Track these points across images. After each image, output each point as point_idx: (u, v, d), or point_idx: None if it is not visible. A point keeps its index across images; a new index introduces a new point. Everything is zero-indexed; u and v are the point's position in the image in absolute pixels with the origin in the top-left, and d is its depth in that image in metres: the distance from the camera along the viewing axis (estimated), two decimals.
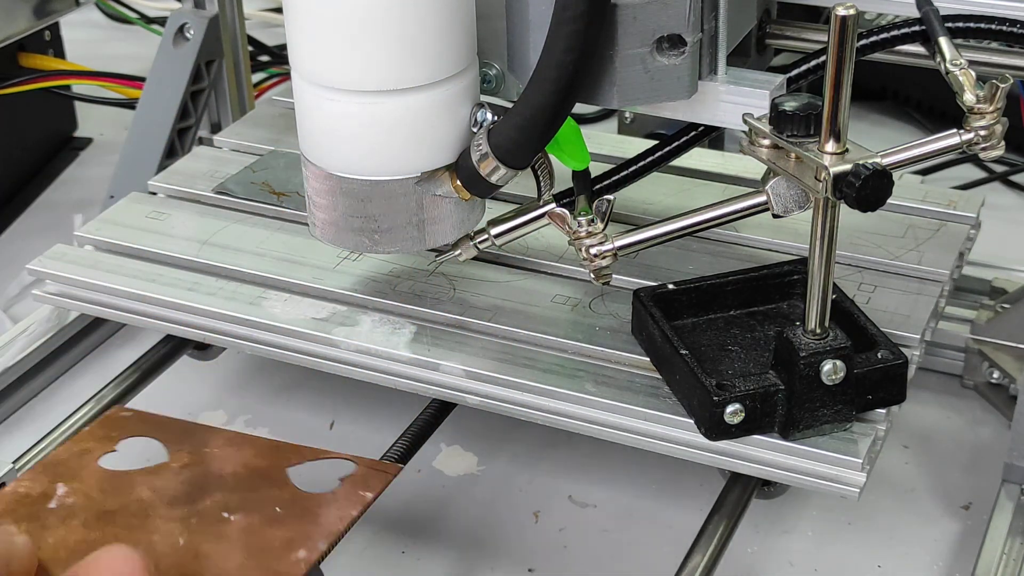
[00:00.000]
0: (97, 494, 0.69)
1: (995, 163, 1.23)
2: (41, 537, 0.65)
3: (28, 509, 0.67)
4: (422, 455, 0.84)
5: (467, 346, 0.77)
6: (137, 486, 0.69)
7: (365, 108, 0.70)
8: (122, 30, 1.55)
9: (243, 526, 0.66)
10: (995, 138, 0.68)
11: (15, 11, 1.14)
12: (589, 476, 0.89)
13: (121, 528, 0.66)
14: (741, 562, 0.83)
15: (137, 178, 1.02)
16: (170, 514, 0.67)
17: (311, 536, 0.66)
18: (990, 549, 0.79)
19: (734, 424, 0.69)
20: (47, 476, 0.70)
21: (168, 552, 0.65)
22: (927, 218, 0.88)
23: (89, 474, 0.70)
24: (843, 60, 0.61)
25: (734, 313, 0.77)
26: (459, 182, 0.73)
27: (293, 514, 0.67)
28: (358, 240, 0.75)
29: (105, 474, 0.70)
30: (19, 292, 1.09)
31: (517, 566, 0.83)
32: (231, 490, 0.69)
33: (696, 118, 0.73)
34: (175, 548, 0.65)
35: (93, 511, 0.67)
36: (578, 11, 0.64)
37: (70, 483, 0.69)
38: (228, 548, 0.65)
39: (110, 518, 0.67)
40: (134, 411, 0.75)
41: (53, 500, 0.68)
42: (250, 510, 0.67)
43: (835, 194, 0.63)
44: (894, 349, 0.71)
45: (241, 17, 1.11)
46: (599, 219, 0.71)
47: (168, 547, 0.65)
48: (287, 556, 0.65)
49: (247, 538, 0.66)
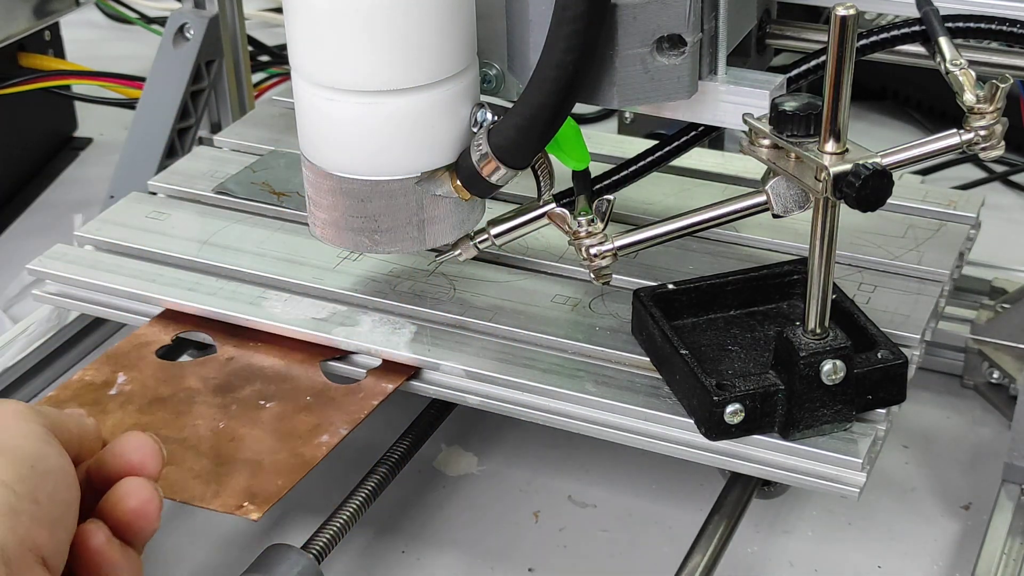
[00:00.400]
0: (152, 382, 0.78)
1: (995, 163, 1.23)
2: (102, 420, 0.73)
3: (92, 395, 0.77)
4: (422, 455, 0.84)
5: (467, 346, 0.77)
6: (187, 376, 0.78)
7: (365, 108, 0.70)
8: (122, 30, 1.55)
9: (276, 413, 0.74)
10: (995, 138, 0.68)
11: (15, 11, 1.14)
12: (589, 476, 0.89)
13: (170, 413, 0.75)
14: (741, 562, 0.83)
15: (137, 178, 1.02)
16: (213, 401, 0.75)
17: (334, 422, 0.74)
18: (990, 549, 0.79)
19: (734, 424, 0.69)
20: (109, 367, 0.79)
21: (208, 435, 0.73)
22: (927, 218, 0.88)
23: (146, 365, 0.79)
24: (843, 60, 0.61)
25: (734, 313, 0.77)
26: (459, 182, 0.73)
27: (321, 403, 0.75)
28: (358, 240, 0.75)
29: (160, 365, 0.79)
30: (19, 292, 1.09)
31: (517, 566, 0.83)
32: (268, 381, 0.77)
33: (696, 118, 0.73)
34: (215, 431, 0.73)
35: (147, 398, 0.76)
36: (578, 11, 0.64)
37: (129, 372, 0.78)
38: (261, 432, 0.73)
39: (161, 404, 0.76)
40: (188, 309, 0.83)
41: (114, 387, 0.77)
42: (284, 399, 0.76)
43: (835, 194, 0.63)
44: (894, 349, 0.71)
45: (241, 17, 1.11)
46: (599, 219, 0.71)
47: (208, 430, 0.73)
48: (312, 440, 0.73)
49: (278, 423, 0.74)
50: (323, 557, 0.72)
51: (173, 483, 0.70)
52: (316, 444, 0.72)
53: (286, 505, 0.87)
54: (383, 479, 0.77)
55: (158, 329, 0.82)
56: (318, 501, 0.85)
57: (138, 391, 0.77)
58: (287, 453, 0.72)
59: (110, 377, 0.78)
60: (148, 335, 0.82)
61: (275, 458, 0.71)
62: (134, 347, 0.81)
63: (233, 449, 0.72)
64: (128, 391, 0.77)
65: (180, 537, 0.85)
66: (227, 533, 0.86)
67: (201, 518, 0.87)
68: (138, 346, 0.81)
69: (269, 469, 0.70)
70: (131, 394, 0.77)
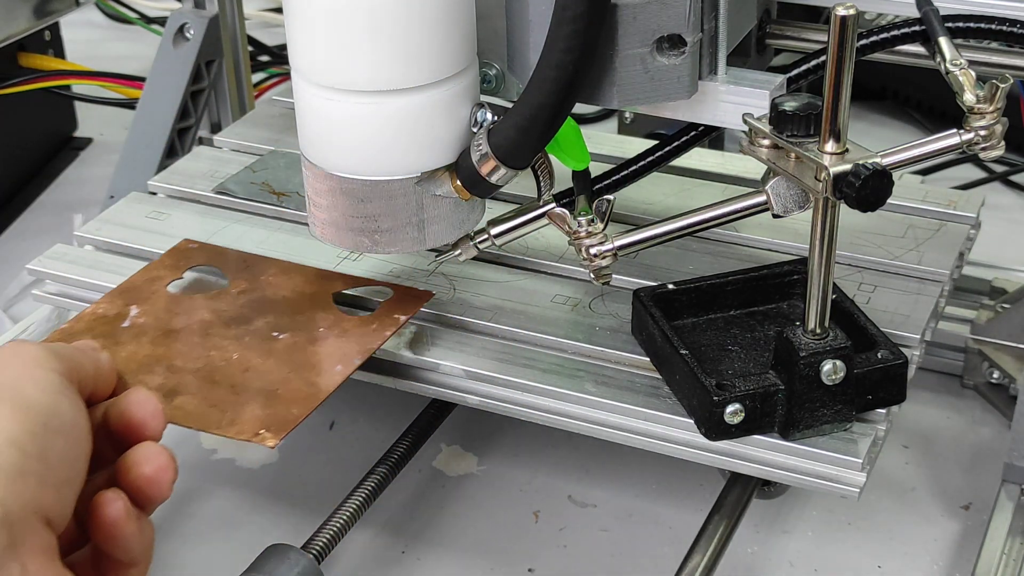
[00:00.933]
0: (164, 315, 0.78)
1: (995, 163, 1.23)
2: (115, 352, 0.74)
3: (104, 328, 0.77)
4: (422, 455, 0.84)
5: (467, 346, 0.77)
6: (200, 309, 0.78)
7: (365, 108, 0.70)
8: (122, 30, 1.55)
9: (289, 344, 0.75)
10: (995, 138, 0.68)
11: (15, 11, 1.14)
12: (589, 476, 0.89)
13: (183, 344, 0.75)
14: (741, 562, 0.83)
15: (137, 178, 1.02)
16: (226, 333, 0.76)
17: (348, 353, 0.74)
18: (990, 549, 0.79)
19: (734, 424, 0.69)
20: (122, 300, 0.79)
21: (222, 366, 0.73)
22: (927, 218, 0.88)
23: (158, 298, 0.79)
24: (843, 60, 0.61)
25: (734, 313, 0.77)
26: (459, 182, 0.73)
27: (334, 334, 0.75)
28: (358, 240, 0.75)
29: (172, 298, 0.80)
30: (19, 292, 1.09)
31: (517, 566, 0.83)
32: (281, 313, 0.77)
33: (696, 118, 0.73)
34: (229, 362, 0.73)
35: (160, 330, 0.76)
36: (578, 11, 0.64)
37: (142, 306, 0.79)
38: (275, 363, 0.73)
39: (174, 336, 0.76)
40: (200, 243, 0.85)
41: (126, 320, 0.77)
42: (297, 330, 0.76)
43: (835, 194, 0.63)
44: (894, 349, 0.71)
45: (241, 17, 1.11)
46: (599, 219, 0.71)
47: (223, 361, 0.73)
48: (326, 370, 0.73)
49: (292, 354, 0.74)
50: (323, 557, 0.72)
51: (189, 412, 0.70)
52: (331, 374, 0.72)
53: (286, 505, 0.88)
54: (383, 479, 0.77)
55: (171, 263, 0.83)
56: (318, 501, 0.85)
57: (151, 323, 0.77)
58: (302, 383, 0.71)
59: (123, 310, 0.78)
60: (160, 270, 0.82)
61: (290, 387, 0.71)
62: (146, 281, 0.81)
63: (247, 379, 0.72)
64: (141, 323, 0.77)
65: (180, 537, 0.85)
66: (227, 533, 0.86)
67: (201, 518, 0.87)
68: (150, 280, 0.81)
69: (284, 398, 0.70)
70: (144, 326, 0.77)
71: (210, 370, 0.73)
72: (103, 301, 0.79)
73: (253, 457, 0.92)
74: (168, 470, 0.57)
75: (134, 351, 0.74)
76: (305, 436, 0.94)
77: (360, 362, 0.73)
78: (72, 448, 0.54)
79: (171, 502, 0.85)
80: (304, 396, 0.70)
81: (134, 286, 0.81)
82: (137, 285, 0.81)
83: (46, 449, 0.52)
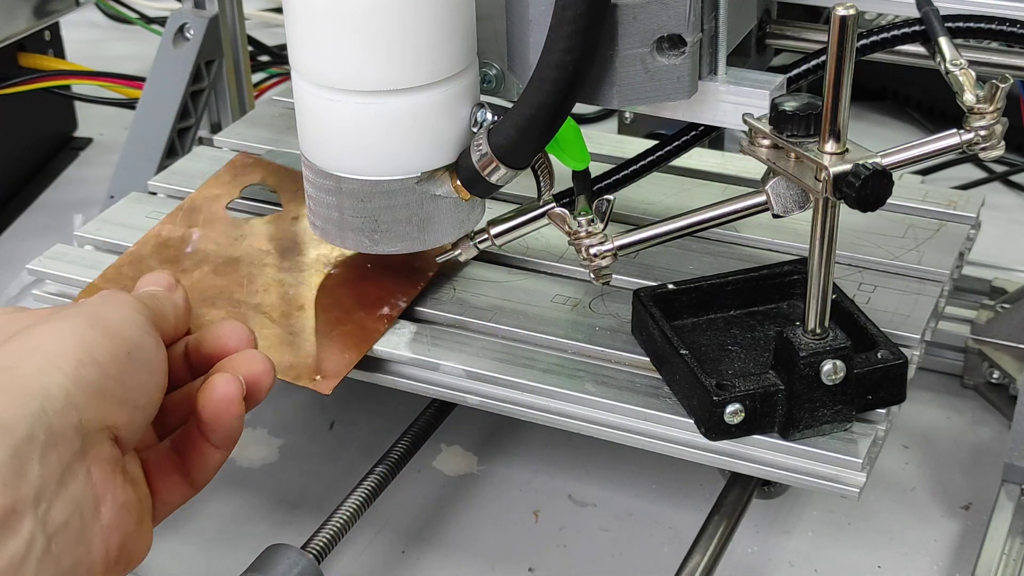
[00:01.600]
0: (224, 240, 0.82)
1: (995, 163, 1.23)
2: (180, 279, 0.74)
3: (170, 252, 0.81)
4: (422, 455, 0.84)
5: (467, 346, 0.77)
6: (257, 235, 0.82)
7: (365, 108, 0.70)
8: (122, 30, 1.55)
9: (340, 279, 0.78)
10: (995, 138, 0.68)
11: (15, 11, 1.14)
12: (589, 476, 0.89)
13: (242, 275, 0.79)
14: (741, 562, 0.83)
15: (137, 178, 1.02)
16: (281, 264, 0.79)
17: (394, 293, 0.78)
18: (990, 549, 0.79)
19: (734, 424, 0.69)
20: (184, 221, 0.83)
21: (278, 303, 0.77)
22: (927, 218, 0.88)
23: (218, 221, 0.83)
24: (843, 60, 0.61)
25: (734, 313, 0.77)
26: (459, 182, 0.73)
27: (380, 269, 0.78)
28: (358, 240, 0.75)
29: (231, 222, 0.83)
30: (19, 292, 1.09)
31: (517, 566, 0.83)
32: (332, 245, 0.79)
33: (696, 118, 0.73)
34: (284, 298, 0.77)
35: (221, 257, 0.81)
36: (578, 11, 0.64)
37: (203, 228, 0.83)
38: (327, 300, 0.77)
39: (234, 266, 0.80)
40: (255, 158, 0.89)
41: (189, 244, 0.81)
42: (346, 265, 0.79)
43: (835, 194, 0.63)
44: (894, 349, 0.71)
45: (241, 17, 1.11)
46: (599, 219, 0.71)
47: (278, 297, 0.78)
48: (374, 312, 0.77)
49: (342, 292, 0.78)
50: (323, 557, 0.72)
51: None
52: (378, 317, 0.76)
53: (286, 505, 0.88)
54: (383, 479, 0.77)
55: (227, 179, 0.87)
56: (318, 501, 0.85)
57: (212, 250, 0.81)
58: (352, 325, 0.75)
59: (185, 233, 0.82)
60: (218, 187, 0.86)
61: (341, 330, 0.75)
62: (206, 200, 0.85)
63: (302, 319, 0.76)
64: (202, 250, 0.81)
65: (180, 537, 0.85)
66: (227, 533, 0.86)
67: (201, 518, 0.87)
68: (209, 199, 0.85)
69: (337, 342, 0.74)
70: (206, 254, 0.81)
71: (268, 307, 0.77)
72: (166, 221, 0.83)
73: (253, 457, 0.92)
74: (269, 374, 0.64)
75: (198, 279, 0.79)
76: (305, 436, 0.94)
77: (405, 304, 0.77)
78: (150, 380, 0.59)
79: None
80: (355, 340, 0.74)
81: (195, 205, 0.85)
82: (198, 204, 0.85)
83: (126, 375, 0.57)
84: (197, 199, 0.85)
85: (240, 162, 0.87)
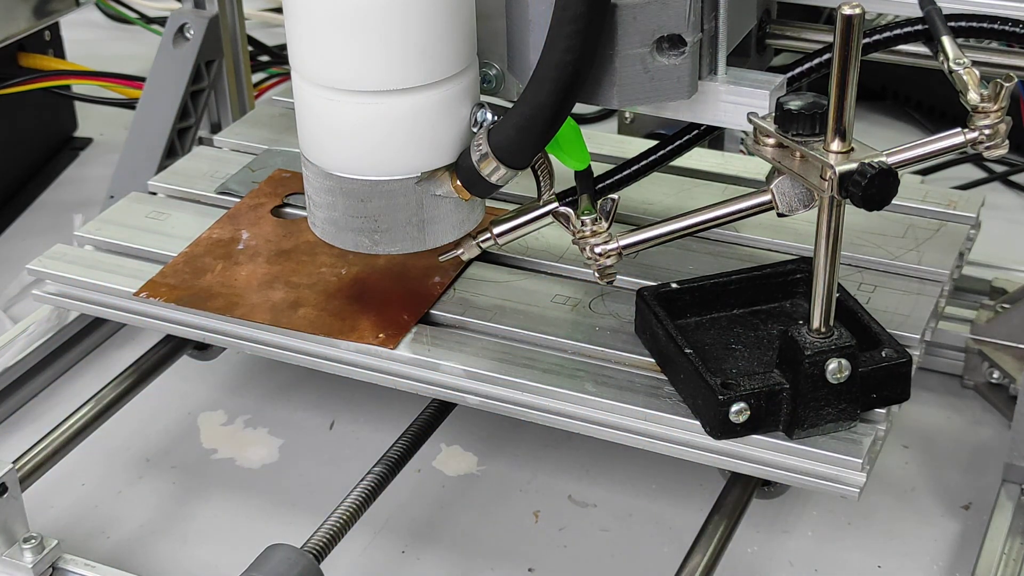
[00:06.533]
0: (273, 237, 0.87)
1: (995, 163, 1.23)
2: (234, 270, 0.83)
3: (223, 250, 0.86)
4: (422, 455, 0.84)
5: (467, 346, 0.77)
6: (305, 231, 0.85)
7: (365, 108, 0.70)
8: (122, 30, 1.55)
9: (389, 259, 0.83)
10: (999, 137, 0.68)
11: (15, 11, 1.14)
12: (589, 476, 0.89)
13: (296, 263, 0.84)
14: (741, 562, 0.83)
15: (137, 178, 1.02)
16: (332, 251, 0.82)
17: (443, 266, 0.82)
18: (990, 549, 0.79)
19: (739, 423, 0.69)
20: (232, 225, 0.88)
21: (334, 280, 0.83)
22: (927, 218, 0.88)
23: (265, 223, 0.88)
24: (849, 59, 0.61)
25: (738, 312, 0.77)
26: (459, 182, 0.72)
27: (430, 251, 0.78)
28: (358, 240, 0.75)
29: (277, 222, 0.89)
30: (19, 292, 1.09)
31: (517, 566, 0.83)
32: None
33: (696, 118, 0.73)
34: (339, 277, 0.83)
35: (272, 250, 0.85)
36: (578, 11, 0.64)
37: (251, 229, 0.88)
38: (380, 276, 0.82)
39: (286, 256, 0.85)
40: (293, 172, 0.93)
41: (240, 243, 0.86)
42: None
43: (841, 193, 0.63)
44: (898, 348, 0.71)
45: (241, 17, 1.11)
46: (603, 218, 0.71)
47: (333, 276, 0.83)
48: (426, 281, 0.82)
49: (394, 267, 0.83)
50: (323, 557, 0.72)
51: (313, 320, 0.79)
52: (431, 284, 0.81)
53: (286, 505, 0.88)
54: (383, 479, 0.77)
55: (269, 191, 0.91)
56: (318, 501, 0.85)
57: (263, 245, 0.86)
58: (406, 292, 0.81)
59: (235, 234, 0.87)
60: (260, 197, 0.91)
61: (397, 297, 0.80)
62: (250, 208, 0.90)
63: (359, 290, 0.81)
64: (254, 245, 0.86)
65: (180, 537, 0.85)
66: (227, 533, 0.86)
67: (201, 518, 0.87)
68: (253, 207, 0.90)
69: (395, 306, 0.80)
70: (257, 248, 0.86)
71: (324, 284, 0.82)
72: (216, 227, 0.88)
73: (253, 457, 0.92)
74: None
75: (252, 269, 0.83)
76: (305, 436, 0.94)
77: (455, 273, 0.82)
78: None
79: (171, 502, 0.86)
80: (413, 303, 0.80)
81: (240, 212, 0.89)
82: (242, 212, 0.89)
83: None
84: (241, 208, 0.89)
85: (278, 176, 0.92)
